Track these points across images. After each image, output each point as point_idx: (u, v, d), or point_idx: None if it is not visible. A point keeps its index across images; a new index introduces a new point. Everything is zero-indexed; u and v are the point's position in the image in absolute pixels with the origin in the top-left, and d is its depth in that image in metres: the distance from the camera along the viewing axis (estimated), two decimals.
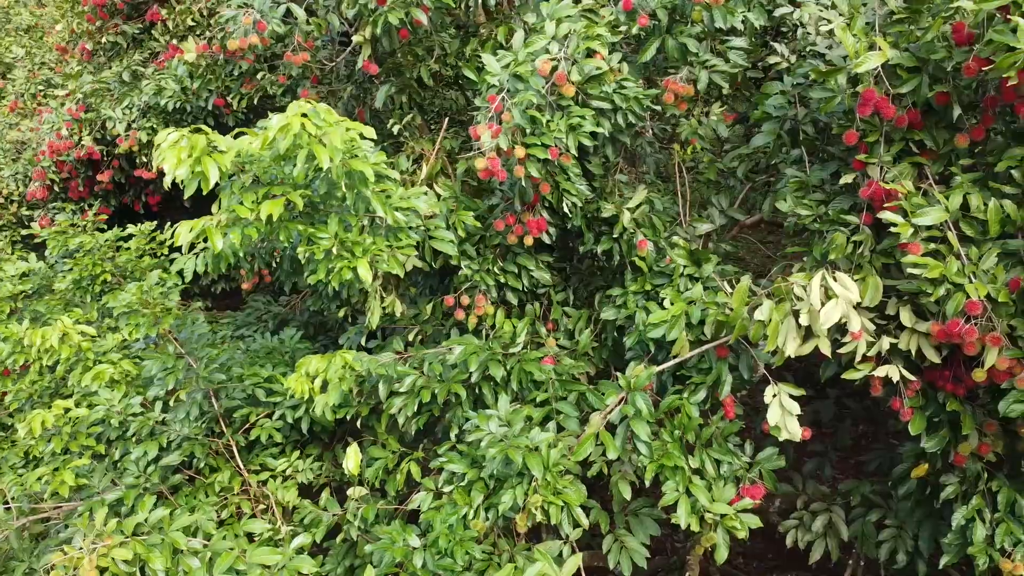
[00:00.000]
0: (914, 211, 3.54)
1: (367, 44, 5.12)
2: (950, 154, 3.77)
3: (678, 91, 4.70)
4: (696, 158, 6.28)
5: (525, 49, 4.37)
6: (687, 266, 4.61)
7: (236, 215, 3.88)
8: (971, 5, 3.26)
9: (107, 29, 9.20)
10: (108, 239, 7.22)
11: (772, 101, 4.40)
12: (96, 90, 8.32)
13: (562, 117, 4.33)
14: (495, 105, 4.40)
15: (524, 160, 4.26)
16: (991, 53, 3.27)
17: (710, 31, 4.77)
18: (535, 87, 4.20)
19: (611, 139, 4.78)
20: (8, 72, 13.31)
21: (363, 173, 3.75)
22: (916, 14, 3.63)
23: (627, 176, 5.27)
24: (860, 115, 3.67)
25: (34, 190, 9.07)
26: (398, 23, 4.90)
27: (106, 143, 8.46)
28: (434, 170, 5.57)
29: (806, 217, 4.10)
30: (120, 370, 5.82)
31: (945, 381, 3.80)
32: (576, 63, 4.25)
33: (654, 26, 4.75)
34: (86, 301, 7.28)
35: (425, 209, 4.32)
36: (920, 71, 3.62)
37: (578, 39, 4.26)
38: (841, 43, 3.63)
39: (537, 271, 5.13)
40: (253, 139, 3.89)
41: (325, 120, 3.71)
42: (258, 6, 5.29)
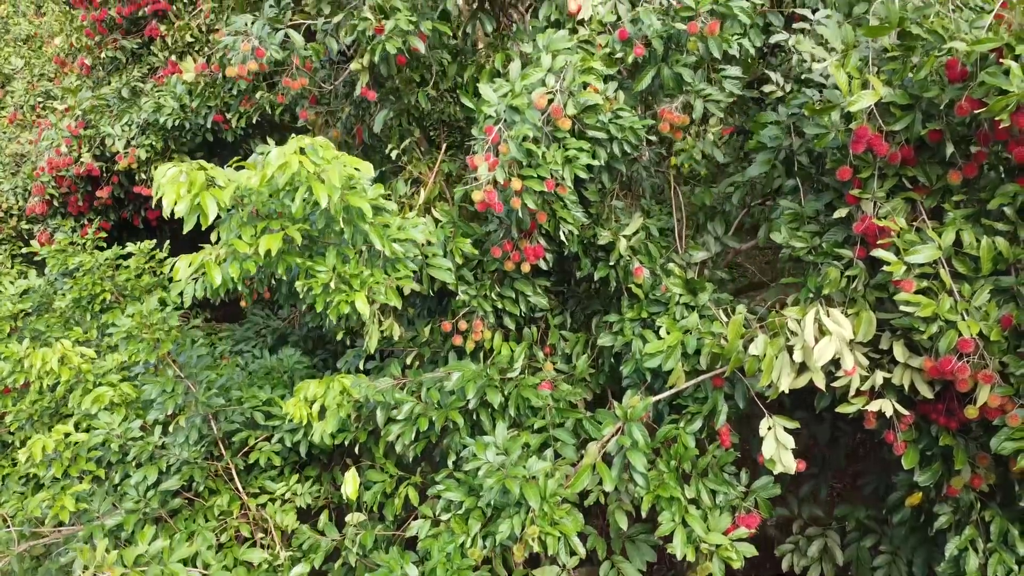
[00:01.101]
0: (907, 248, 3.57)
1: (365, 71, 5.15)
2: (943, 189, 3.80)
3: (674, 121, 4.74)
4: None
5: (522, 81, 4.39)
6: (683, 295, 4.64)
7: (234, 249, 3.91)
8: (964, 47, 3.29)
9: (106, 44, 9.22)
10: (108, 258, 7.25)
11: (767, 132, 4.42)
12: (95, 107, 8.34)
13: (558, 149, 4.35)
14: (492, 136, 4.43)
15: (521, 192, 4.28)
16: (984, 95, 3.30)
17: (705, 59, 4.80)
18: (531, 120, 4.23)
19: (607, 167, 4.81)
20: (7, 83, 13.33)
21: (361, 209, 3.78)
22: (909, 51, 3.66)
23: (623, 201, 5.30)
24: (853, 152, 3.70)
25: (33, 205, 9.09)
26: (395, 52, 4.92)
27: (105, 159, 8.48)
28: (432, 195, 5.60)
29: (800, 249, 4.13)
30: (120, 392, 5.86)
31: (938, 414, 3.83)
32: (572, 96, 4.27)
33: (650, 54, 4.79)
34: (86, 319, 7.31)
35: (422, 240, 4.35)
36: (913, 108, 3.65)
37: (574, 72, 4.29)
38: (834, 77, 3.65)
39: (534, 296, 5.15)
40: (252, 174, 3.92)
41: (323, 157, 3.74)
42: (256, 32, 5.31)
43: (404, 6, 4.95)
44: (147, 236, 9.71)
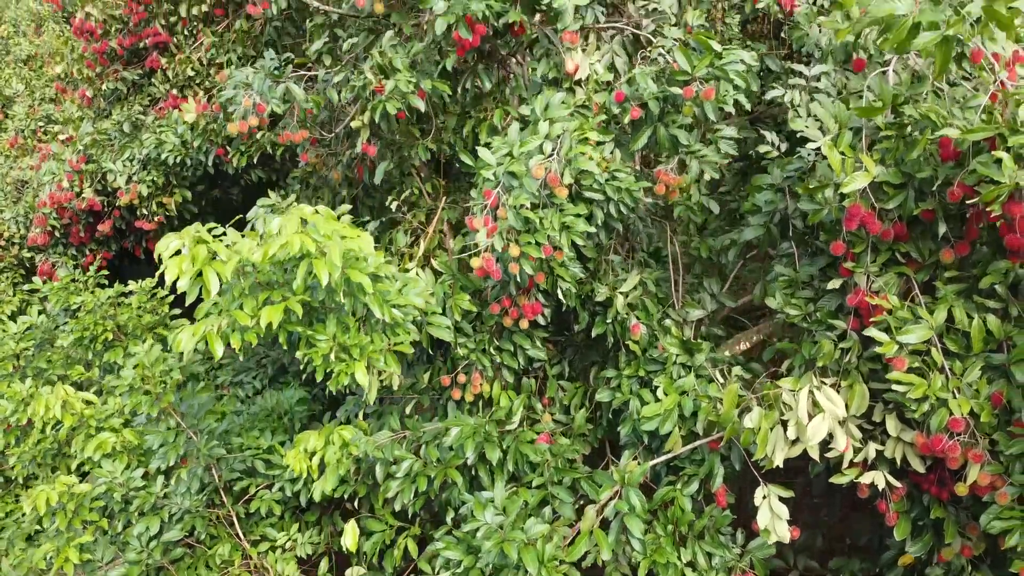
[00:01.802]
0: (899, 327, 3.62)
1: (365, 128, 5.20)
2: (936, 264, 3.85)
3: (669, 183, 4.79)
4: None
5: (520, 147, 4.45)
6: (679, 355, 4.70)
7: (236, 320, 3.96)
8: (956, 134, 3.34)
9: (107, 75, 9.27)
10: (110, 296, 7.30)
11: (762, 196, 4.48)
12: (97, 140, 8.39)
13: (556, 213, 4.41)
14: (491, 200, 4.48)
15: (519, 258, 4.33)
16: (975, 183, 3.35)
17: (701, 120, 4.85)
18: (529, 189, 4.28)
19: (605, 225, 4.86)
20: (8, 106, 13.37)
21: (361, 284, 3.83)
22: (902, 128, 3.71)
23: (620, 254, 5.35)
24: (847, 229, 3.75)
25: (35, 236, 9.14)
26: (395, 112, 4.97)
27: (107, 193, 8.53)
28: (431, 245, 5.66)
29: (795, 316, 4.19)
30: (122, 439, 5.91)
31: (930, 484, 3.88)
32: (569, 164, 4.32)
33: (646, 115, 4.84)
34: (88, 357, 7.36)
35: (421, 304, 4.40)
36: (906, 186, 3.70)
37: (571, 141, 4.34)
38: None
39: (532, 349, 5.21)
40: (253, 245, 3.97)
41: (324, 233, 3.79)
42: (257, 87, 5.36)
43: (404, 65, 5.01)
44: (148, 266, 9.79)
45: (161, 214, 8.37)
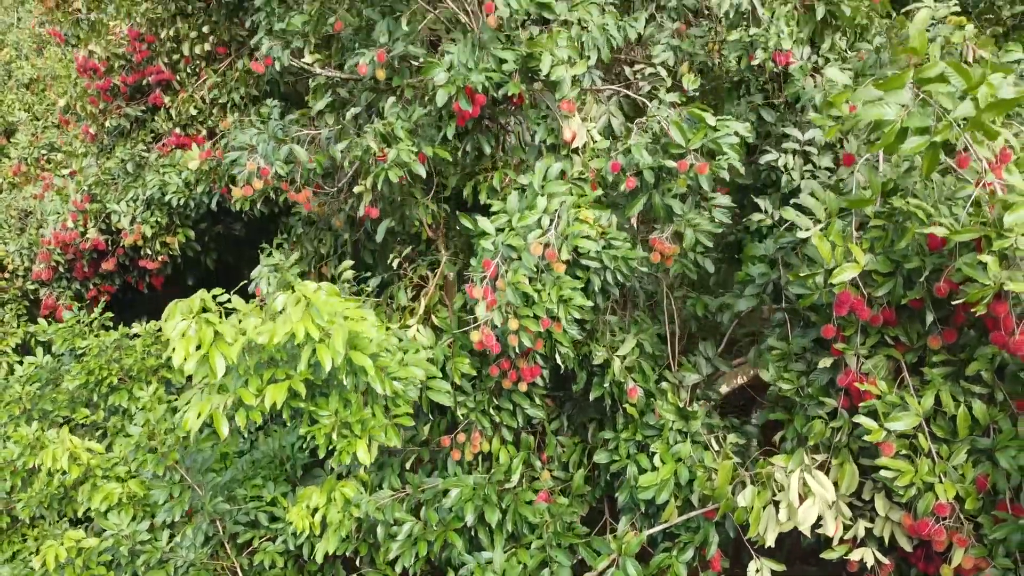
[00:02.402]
0: (887, 413, 3.72)
1: (368, 192, 5.29)
2: (924, 346, 3.95)
3: (664, 251, 4.89)
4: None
5: (519, 221, 4.55)
6: (675, 421, 4.79)
7: (241, 399, 4.06)
8: (943, 232, 3.44)
9: (111, 111, 9.37)
10: (114, 339, 7.40)
11: (756, 269, 4.57)
12: (101, 180, 8.48)
13: (554, 285, 4.50)
14: (490, 272, 4.58)
15: (518, 330, 4.43)
16: (962, 280, 3.45)
17: (696, 189, 4.95)
18: (528, 265, 4.38)
19: (602, 290, 4.95)
20: (10, 133, 13.47)
21: (364, 367, 3.93)
22: (891, 217, 3.81)
23: (618, 312, 5.45)
24: (837, 315, 3.85)
25: (39, 271, 9.24)
26: (397, 179, 5.07)
27: (111, 232, 8.62)
28: (432, 301, 5.76)
29: (788, 390, 4.29)
30: (127, 490, 6.01)
31: (917, 560, 3.98)
32: (566, 240, 4.42)
33: (641, 183, 4.94)
34: (93, 399, 7.46)
35: (422, 376, 4.50)
36: (895, 274, 3.80)
37: (568, 217, 4.44)
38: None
39: (531, 408, 5.30)
40: (257, 325, 4.07)
41: (328, 319, 3.88)
42: (262, 150, 5.46)
43: (405, 134, 5.10)
44: (151, 299, 9.90)
45: (165, 253, 8.47)
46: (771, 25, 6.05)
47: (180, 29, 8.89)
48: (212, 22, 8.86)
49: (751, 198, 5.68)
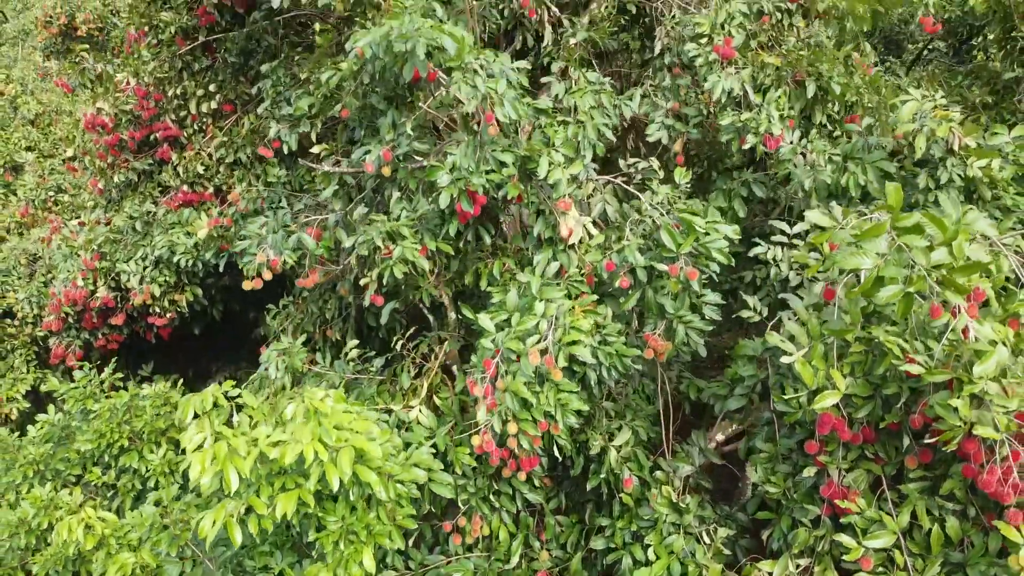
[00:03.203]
0: (866, 529, 3.94)
1: (373, 282, 5.50)
2: (903, 461, 4.16)
3: (657, 348, 5.10)
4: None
5: (519, 326, 4.76)
6: (669, 514, 5.01)
7: (252, 507, 4.27)
8: (919, 370, 3.64)
9: (118, 165, 9.56)
10: (124, 402, 7.60)
11: (745, 370, 4.78)
12: (110, 238, 8.68)
13: (552, 389, 4.72)
14: (490, 371, 4.79)
15: (517, 434, 4.65)
16: (935, 416, 3.66)
17: (686, 287, 5.15)
18: (526, 372, 4.59)
19: (598, 383, 5.17)
20: (16, 169, 13.67)
21: (370, 482, 4.14)
22: (869, 344, 4.02)
23: (613, 397, 5.66)
24: (820, 434, 4.06)
25: (49, 322, 9.44)
26: (402, 275, 5.28)
27: (120, 290, 8.82)
28: (434, 382, 5.96)
29: (775, 494, 4.50)
30: (140, 559, 6.22)
31: None
32: (563, 348, 4.63)
33: (635, 280, 5.15)
34: (104, 459, 7.66)
35: (424, 477, 4.70)
36: (874, 397, 4.01)
37: (565, 326, 4.65)
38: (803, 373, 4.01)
39: (530, 493, 5.52)
40: (268, 437, 4.28)
41: (337, 439, 4.09)
42: (272, 241, 5.67)
43: (409, 231, 5.31)
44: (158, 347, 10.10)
45: (173, 310, 8.67)
46: (762, 109, 6.25)
47: (187, 87, 9.10)
48: (218, 81, 9.07)
49: (747, 257, 5.90)
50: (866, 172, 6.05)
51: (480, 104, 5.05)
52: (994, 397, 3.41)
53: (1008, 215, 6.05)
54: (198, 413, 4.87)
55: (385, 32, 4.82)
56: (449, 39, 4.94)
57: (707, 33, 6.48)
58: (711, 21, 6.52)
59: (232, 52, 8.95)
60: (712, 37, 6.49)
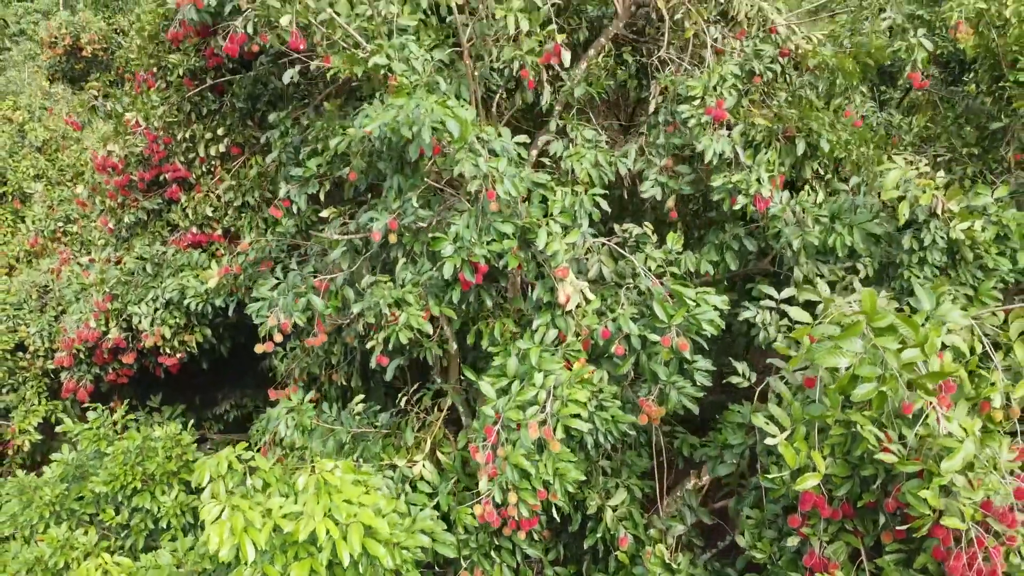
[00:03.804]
0: None
1: (380, 344, 5.75)
2: (880, 534, 4.41)
3: (651, 414, 5.35)
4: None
5: (518, 396, 5.01)
6: (661, 573, 5.26)
7: (267, 575, 4.53)
8: (892, 459, 3.90)
9: (129, 205, 9.81)
10: (137, 444, 7.85)
11: (734, 438, 5.04)
12: (121, 280, 8.94)
13: (550, 459, 4.97)
14: (491, 438, 5.05)
15: (517, 503, 4.90)
16: (907, 503, 3.91)
17: (678, 354, 5.41)
18: (526, 443, 4.85)
19: (595, 445, 5.42)
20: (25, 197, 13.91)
21: (378, 556, 4.40)
22: (848, 427, 4.27)
23: (609, 459, 5.92)
24: (801, 510, 4.32)
25: (61, 358, 9.69)
26: (407, 341, 5.53)
27: (131, 330, 9.07)
28: (437, 437, 6.22)
29: (761, 559, 4.75)
30: None
31: None
32: (560, 421, 4.89)
33: (629, 347, 5.41)
34: (118, 499, 7.92)
35: (428, 543, 4.95)
36: (852, 476, 4.27)
37: (562, 401, 4.91)
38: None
39: (530, 548, 5.77)
40: (283, 510, 4.53)
41: (347, 514, 4.34)
42: (282, 305, 5.92)
43: (415, 298, 5.56)
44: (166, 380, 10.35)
45: (183, 350, 8.92)
46: (752, 171, 6.50)
47: (195, 130, 9.34)
48: (226, 124, 9.31)
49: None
50: (852, 233, 6.31)
51: (482, 182, 5.30)
52: (961, 489, 3.66)
53: (989, 275, 6.30)
54: (213, 476, 5.14)
55: (393, 116, 5.07)
56: (453, 122, 5.19)
57: (700, 95, 6.72)
58: (704, 83, 6.77)
59: (240, 97, 9.20)
60: (705, 99, 6.73)
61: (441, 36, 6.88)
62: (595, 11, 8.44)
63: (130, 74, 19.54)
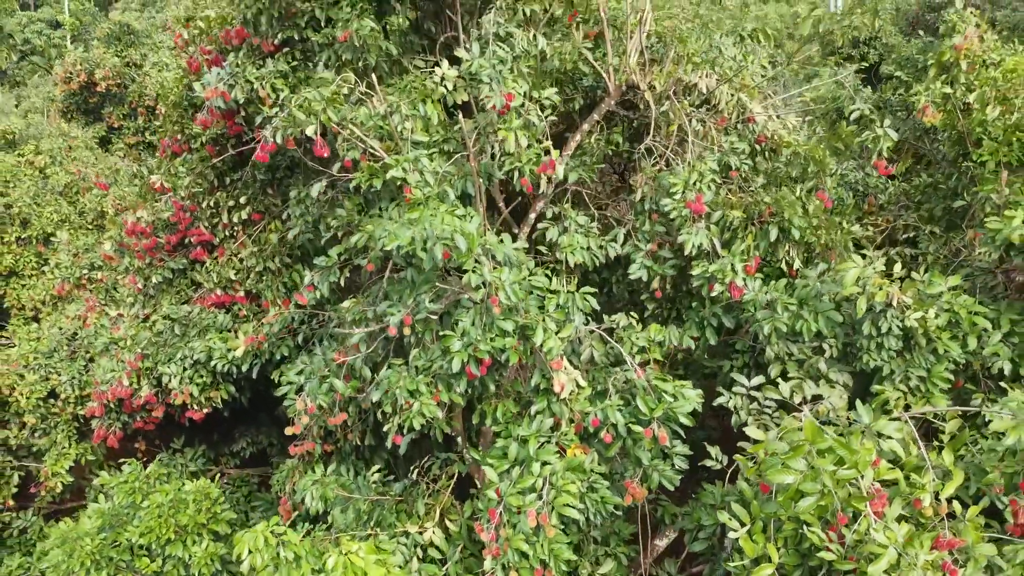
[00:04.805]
0: None
1: (394, 425, 6.49)
2: None
3: (635, 495, 6.10)
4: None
5: (519, 483, 5.76)
6: None
7: None
8: (831, 556, 4.64)
9: (155, 265, 10.55)
10: (170, 498, 8.60)
11: (707, 519, 5.79)
12: (152, 342, 9.68)
13: (546, 540, 5.72)
14: (495, 520, 5.80)
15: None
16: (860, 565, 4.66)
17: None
18: (525, 529, 5.59)
19: (587, 521, 6.16)
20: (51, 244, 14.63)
21: None
22: (798, 523, 5.02)
23: (599, 528, 6.66)
24: None
25: (93, 408, 10.43)
26: (420, 425, 6.28)
27: (160, 386, 9.81)
28: (446, 505, 6.97)
29: None
30: None
31: None
32: (554, 509, 5.64)
33: (616, 434, 6.16)
34: (152, 547, 8.67)
35: None
36: (802, 565, 5.02)
37: (557, 491, 5.65)
38: None
39: None
40: None
41: None
42: (308, 390, 6.66)
43: (427, 390, 6.31)
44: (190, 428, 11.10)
45: (208, 405, 9.67)
46: (728, 262, 7.25)
47: (219, 198, 10.09)
48: (248, 193, 10.05)
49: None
50: (817, 320, 7.06)
51: (486, 290, 6.05)
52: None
53: (941, 359, 7.04)
54: (252, 550, 5.90)
55: (409, 239, 5.81)
56: (462, 238, 5.93)
57: (681, 190, 7.47)
58: (684, 180, 7.52)
59: (260, 168, 9.93)
60: (685, 193, 7.48)
61: (448, 133, 7.63)
62: (590, 82, 9.12)
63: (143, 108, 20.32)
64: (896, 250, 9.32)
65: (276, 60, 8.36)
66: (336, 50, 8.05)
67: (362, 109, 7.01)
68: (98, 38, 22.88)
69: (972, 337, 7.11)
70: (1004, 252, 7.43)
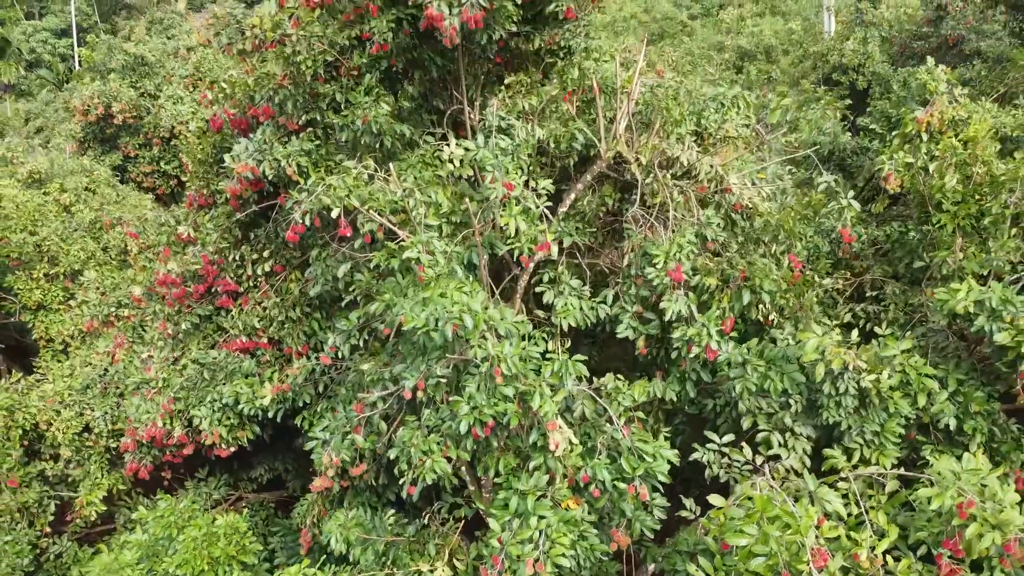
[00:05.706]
0: None
1: (408, 481, 7.40)
2: None
3: (620, 542, 7.01)
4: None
5: (517, 535, 6.66)
6: None
7: None
8: None
9: (184, 312, 11.47)
10: (205, 532, 9.51)
11: (681, 567, 6.70)
12: (183, 386, 10.60)
13: None
14: (498, 566, 6.71)
15: None
16: None
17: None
18: (523, 574, 6.50)
19: (578, 566, 7.06)
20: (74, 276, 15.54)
21: None
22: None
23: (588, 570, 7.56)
24: None
25: (126, 443, 11.34)
26: (431, 480, 7.19)
27: (191, 427, 10.72)
28: (455, 546, 7.88)
29: None
30: None
31: None
32: (550, 559, 6.55)
33: (603, 490, 7.07)
34: None
35: None
36: None
37: (551, 543, 6.56)
38: None
39: None
40: None
41: None
42: (333, 445, 7.57)
43: (438, 449, 7.22)
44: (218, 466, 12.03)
45: (235, 444, 10.58)
46: (704, 327, 8.16)
47: (244, 252, 11.00)
48: (271, 248, 10.96)
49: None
50: (783, 380, 7.96)
51: (489, 361, 6.96)
52: None
53: (892, 418, 7.93)
54: None
55: (424, 321, 6.72)
56: (469, 318, 6.85)
57: (662, 261, 8.38)
58: (665, 251, 8.43)
59: (282, 225, 10.83)
60: (667, 263, 8.40)
61: (456, 205, 8.54)
62: (585, 140, 9.94)
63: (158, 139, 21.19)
64: (862, 306, 10.22)
65: (300, 139, 9.28)
66: (354, 130, 8.97)
67: (379, 194, 7.92)
68: (114, 70, 23.79)
69: (922, 396, 8.01)
70: (951, 319, 8.33)
